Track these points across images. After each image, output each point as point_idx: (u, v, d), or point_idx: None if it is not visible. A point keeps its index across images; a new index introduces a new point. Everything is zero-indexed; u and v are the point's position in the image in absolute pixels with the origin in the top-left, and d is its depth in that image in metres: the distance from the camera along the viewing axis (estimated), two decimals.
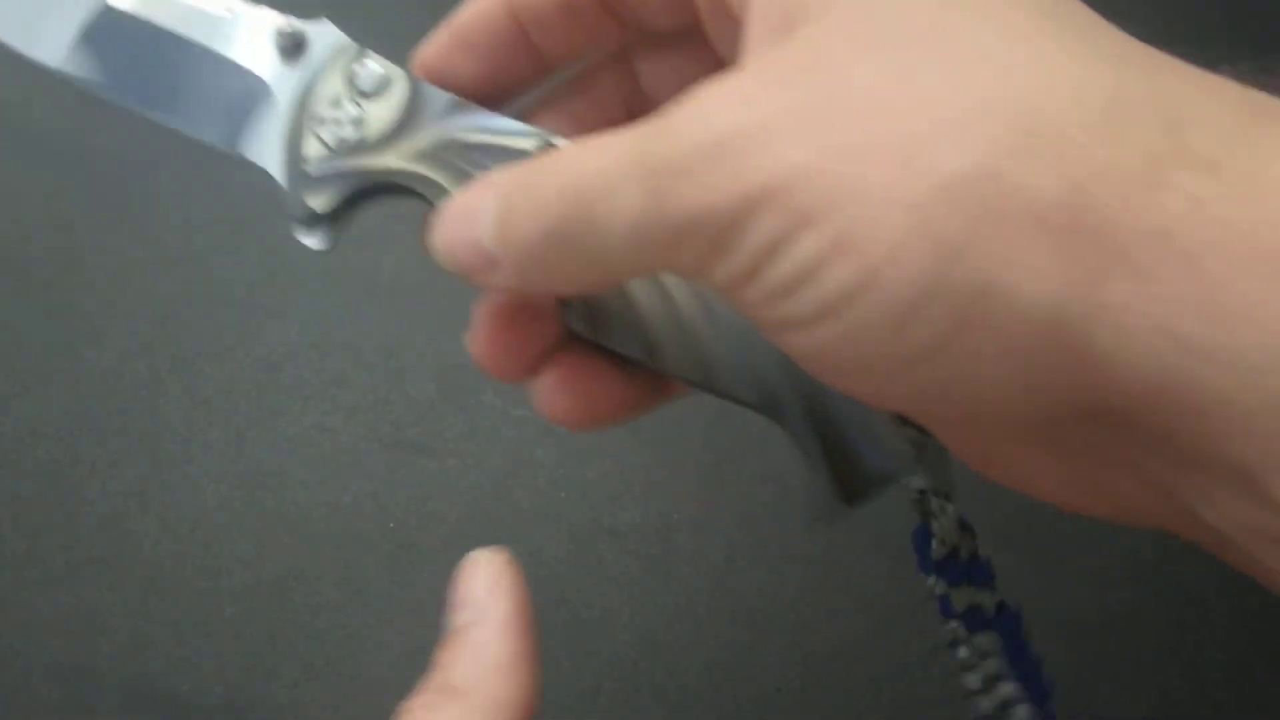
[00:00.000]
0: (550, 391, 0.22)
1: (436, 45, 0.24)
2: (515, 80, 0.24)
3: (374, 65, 0.25)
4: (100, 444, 0.43)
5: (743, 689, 0.40)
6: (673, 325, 0.22)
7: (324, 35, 0.26)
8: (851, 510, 0.23)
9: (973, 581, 0.22)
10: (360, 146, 0.24)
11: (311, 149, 0.25)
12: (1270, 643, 0.40)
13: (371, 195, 0.25)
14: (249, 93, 0.26)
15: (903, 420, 0.21)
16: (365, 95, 0.25)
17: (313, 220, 0.25)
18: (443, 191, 0.23)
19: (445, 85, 0.24)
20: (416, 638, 0.40)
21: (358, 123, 0.24)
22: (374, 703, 0.39)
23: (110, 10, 0.27)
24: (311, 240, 0.26)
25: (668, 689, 0.40)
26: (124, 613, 0.40)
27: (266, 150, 0.25)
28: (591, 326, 0.22)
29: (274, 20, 0.26)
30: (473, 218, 0.20)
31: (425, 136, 0.24)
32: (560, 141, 0.23)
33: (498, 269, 0.19)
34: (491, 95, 0.24)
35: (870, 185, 0.15)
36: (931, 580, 0.22)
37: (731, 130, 0.16)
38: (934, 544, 0.22)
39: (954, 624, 0.22)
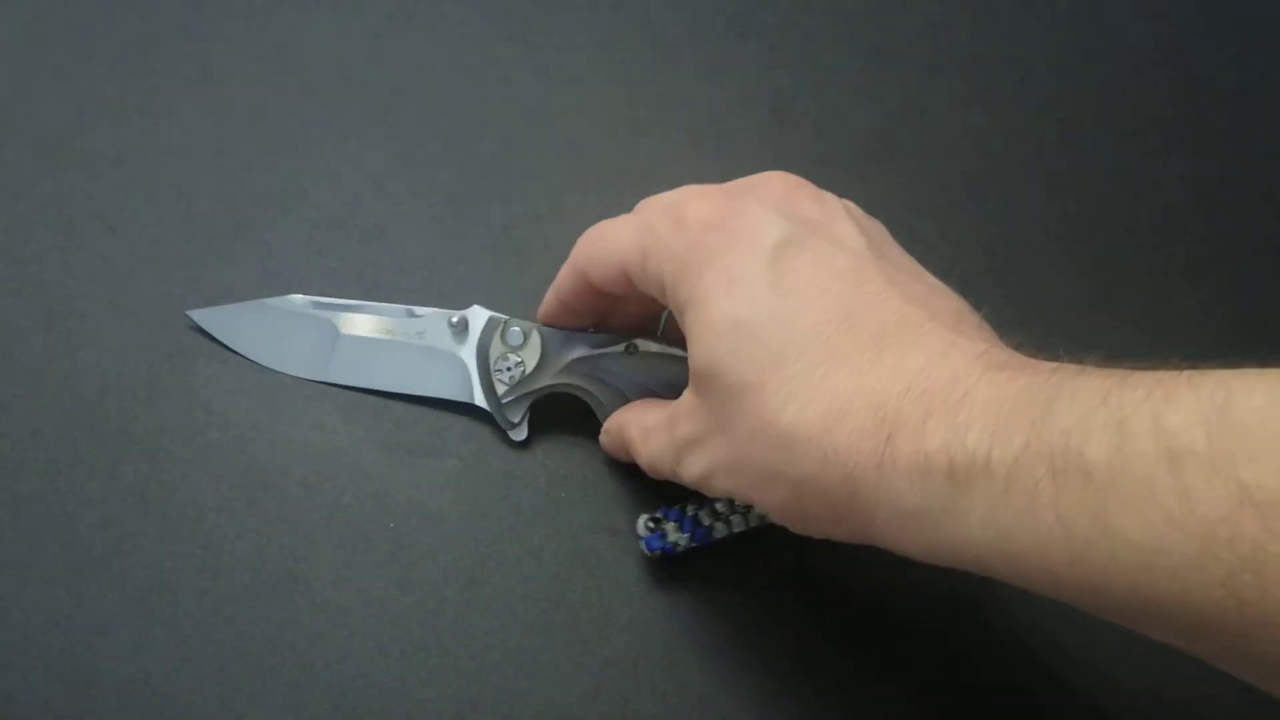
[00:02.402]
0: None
1: (545, 307, 0.42)
2: (588, 318, 0.42)
3: (515, 328, 0.42)
4: (100, 444, 0.43)
5: (743, 688, 0.40)
6: None
7: (479, 315, 0.43)
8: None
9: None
10: (523, 379, 0.42)
11: (499, 388, 0.42)
12: None
13: (540, 401, 0.43)
14: (450, 364, 0.43)
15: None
16: (517, 348, 0.42)
17: (513, 426, 0.43)
18: (584, 391, 0.42)
19: (555, 325, 0.42)
20: (417, 638, 0.40)
21: (518, 365, 0.42)
22: (373, 704, 0.39)
23: (345, 336, 0.44)
24: (516, 435, 0.43)
25: (667, 689, 0.40)
26: (124, 613, 0.40)
27: (475, 395, 0.43)
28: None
29: (444, 314, 0.44)
30: (621, 439, 0.41)
31: (559, 360, 0.42)
32: (639, 341, 0.41)
33: (640, 461, 0.40)
34: (578, 325, 0.42)
35: (754, 464, 0.33)
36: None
37: (695, 437, 0.35)
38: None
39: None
